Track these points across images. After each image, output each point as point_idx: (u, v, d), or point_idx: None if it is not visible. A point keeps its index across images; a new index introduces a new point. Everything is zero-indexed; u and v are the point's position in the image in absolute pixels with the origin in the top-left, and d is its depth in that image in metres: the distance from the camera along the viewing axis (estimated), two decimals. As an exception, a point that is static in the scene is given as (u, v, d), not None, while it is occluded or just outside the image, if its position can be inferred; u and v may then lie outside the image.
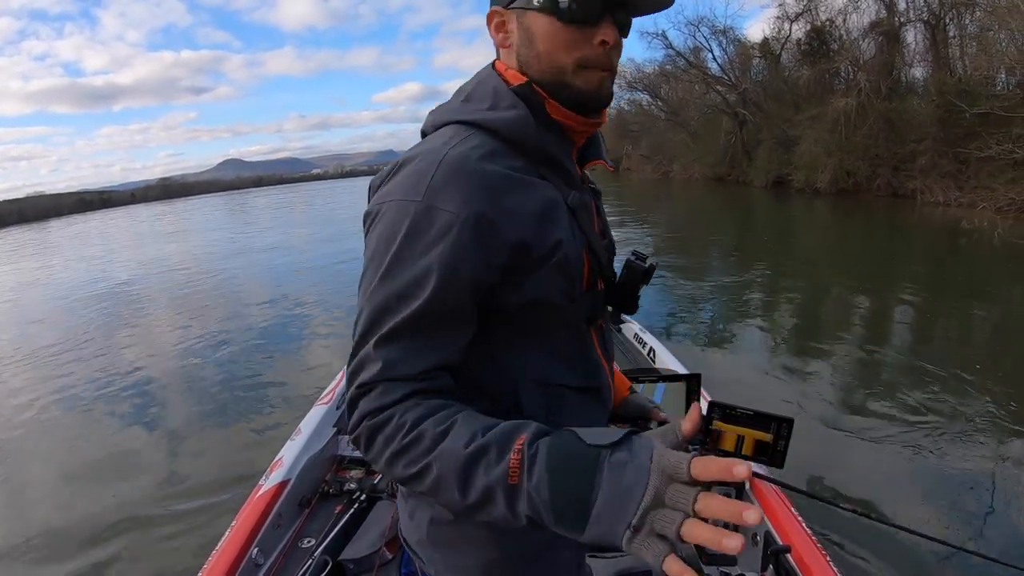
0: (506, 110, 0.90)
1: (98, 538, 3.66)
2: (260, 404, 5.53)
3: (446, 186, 0.82)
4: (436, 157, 0.84)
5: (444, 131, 0.91)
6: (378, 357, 0.81)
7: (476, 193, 0.82)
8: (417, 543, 1.09)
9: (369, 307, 0.83)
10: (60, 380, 6.91)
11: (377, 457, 0.81)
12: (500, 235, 0.83)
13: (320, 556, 2.20)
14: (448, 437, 0.74)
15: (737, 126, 29.13)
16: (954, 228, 13.30)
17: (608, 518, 0.64)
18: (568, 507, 0.66)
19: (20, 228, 57.36)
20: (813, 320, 7.46)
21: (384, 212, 0.85)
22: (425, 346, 0.82)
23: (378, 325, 0.82)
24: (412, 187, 0.83)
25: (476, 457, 0.71)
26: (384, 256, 0.83)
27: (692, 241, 14.60)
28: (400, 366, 0.80)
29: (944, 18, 19.03)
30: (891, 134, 19.26)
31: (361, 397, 0.81)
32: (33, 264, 22.15)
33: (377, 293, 0.83)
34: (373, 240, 0.86)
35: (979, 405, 4.55)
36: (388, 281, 0.82)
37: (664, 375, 2.51)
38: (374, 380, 0.80)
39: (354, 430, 0.82)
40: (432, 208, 0.81)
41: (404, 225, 0.82)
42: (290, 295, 10.49)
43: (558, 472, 0.67)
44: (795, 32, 26.14)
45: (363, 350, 0.82)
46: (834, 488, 3.48)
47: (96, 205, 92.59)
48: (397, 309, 0.81)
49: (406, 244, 0.81)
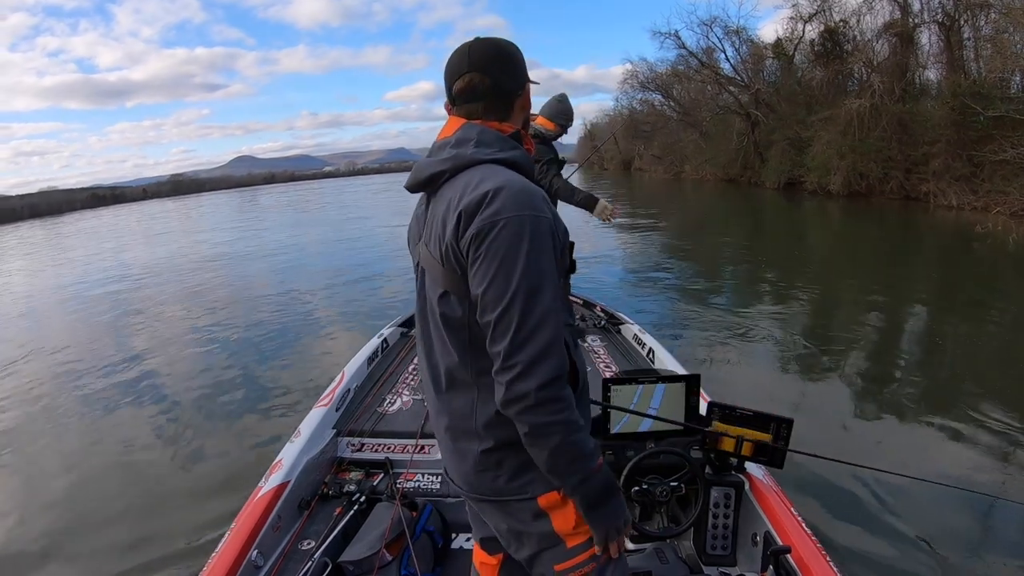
0: (516, 149, 1.33)
1: (97, 536, 3.67)
2: (259, 405, 5.53)
3: (538, 200, 1.21)
4: (519, 182, 1.22)
5: (497, 167, 1.27)
6: (551, 323, 1.16)
7: (547, 202, 1.23)
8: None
9: (525, 288, 1.15)
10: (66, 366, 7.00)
11: (558, 409, 1.17)
12: (559, 228, 1.26)
13: (320, 558, 2.21)
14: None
15: (749, 127, 29.02)
16: (967, 232, 13.13)
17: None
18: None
19: (31, 223, 57.60)
20: (819, 323, 7.39)
21: (508, 223, 1.16)
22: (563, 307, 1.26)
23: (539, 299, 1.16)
24: (520, 203, 1.18)
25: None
26: (519, 251, 1.16)
27: (700, 242, 14.58)
28: (558, 327, 1.18)
29: (959, 20, 18.87)
30: (904, 136, 19.12)
31: (546, 359, 1.15)
32: (31, 265, 22.18)
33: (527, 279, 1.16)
34: (503, 244, 1.16)
35: (991, 411, 4.49)
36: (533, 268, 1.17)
37: (663, 375, 2.51)
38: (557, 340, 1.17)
39: (545, 388, 1.14)
40: (538, 217, 1.19)
41: (527, 229, 1.16)
42: (293, 295, 10.53)
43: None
44: (808, 33, 26.09)
45: (532, 316, 1.15)
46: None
47: (108, 201, 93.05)
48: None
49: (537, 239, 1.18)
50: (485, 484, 1.34)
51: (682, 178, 37.59)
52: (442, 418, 1.39)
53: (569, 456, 1.21)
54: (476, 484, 1.35)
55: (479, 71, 1.31)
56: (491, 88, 1.33)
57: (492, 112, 1.35)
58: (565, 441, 1.18)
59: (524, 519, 1.34)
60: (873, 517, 3.25)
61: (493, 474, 1.32)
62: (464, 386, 1.32)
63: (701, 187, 32.23)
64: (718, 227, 17.58)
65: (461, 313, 1.26)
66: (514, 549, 1.41)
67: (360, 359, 3.90)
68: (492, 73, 1.32)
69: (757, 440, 2.16)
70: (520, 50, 1.37)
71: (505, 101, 1.35)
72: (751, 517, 2.25)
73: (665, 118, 41.27)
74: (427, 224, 1.34)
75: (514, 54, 1.35)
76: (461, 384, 1.32)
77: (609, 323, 4.76)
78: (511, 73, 1.35)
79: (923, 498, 3.34)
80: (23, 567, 3.49)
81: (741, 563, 2.28)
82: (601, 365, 3.95)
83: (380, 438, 3.08)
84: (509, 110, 1.37)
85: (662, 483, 2.15)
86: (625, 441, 2.33)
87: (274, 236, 21.52)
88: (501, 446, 1.29)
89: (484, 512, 1.43)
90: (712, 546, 2.28)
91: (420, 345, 1.44)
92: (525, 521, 1.34)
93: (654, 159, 44.19)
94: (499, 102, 1.35)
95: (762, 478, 2.29)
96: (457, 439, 1.35)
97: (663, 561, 2.08)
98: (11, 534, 3.85)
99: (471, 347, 1.27)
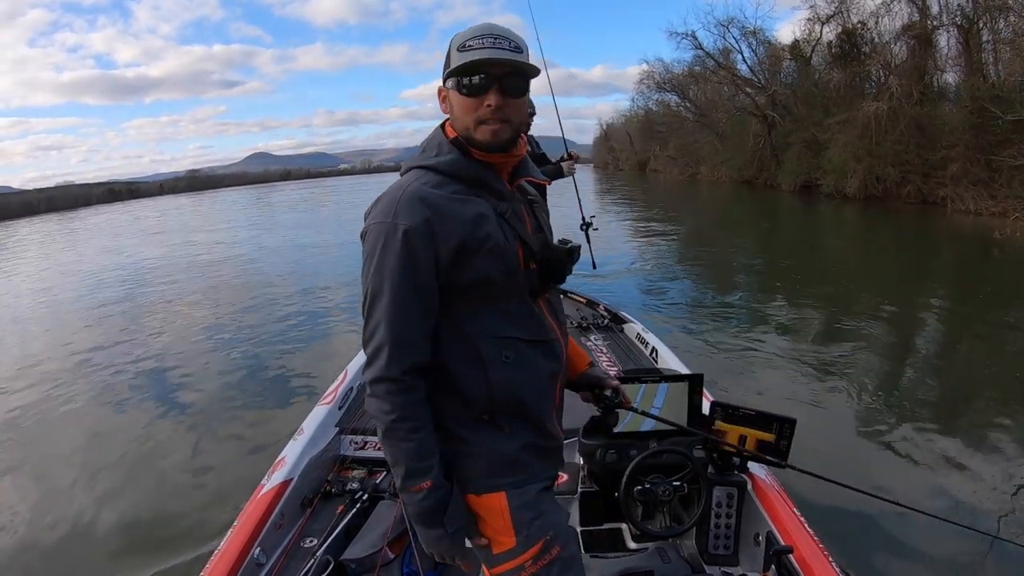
0: (446, 155, 1.32)
1: (97, 535, 3.69)
2: (261, 403, 5.56)
3: (404, 208, 1.24)
4: (399, 191, 1.28)
5: (410, 173, 1.33)
6: (383, 328, 1.26)
7: (422, 210, 1.24)
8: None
9: (369, 292, 1.28)
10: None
11: (377, 408, 1.28)
12: (443, 234, 1.24)
13: (322, 556, 2.21)
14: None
15: (766, 129, 28.85)
16: (985, 237, 13.02)
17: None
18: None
19: (48, 217, 58.06)
20: (830, 326, 7.29)
21: (369, 231, 1.27)
22: (419, 321, 1.28)
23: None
24: (383, 212, 1.26)
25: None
26: (370, 257, 1.26)
27: (712, 243, 14.52)
28: (408, 352, 1.27)
29: (977, 22, 18.65)
30: (922, 140, 18.91)
31: (375, 359, 1.29)
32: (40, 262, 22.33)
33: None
34: (364, 251, 1.28)
35: (1007, 419, 4.44)
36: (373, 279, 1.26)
37: (666, 375, 2.50)
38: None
39: (372, 385, 1.29)
40: (396, 224, 1.23)
41: (381, 238, 1.24)
42: (294, 295, 10.58)
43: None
44: (826, 34, 25.87)
45: (371, 320, 1.28)
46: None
47: (124, 196, 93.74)
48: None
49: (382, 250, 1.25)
50: None
51: (698, 179, 37.45)
52: None
53: (389, 455, 1.30)
54: None
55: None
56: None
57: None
58: (383, 440, 1.29)
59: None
60: (874, 517, 3.21)
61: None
62: None
63: (716, 189, 32.09)
64: (732, 229, 17.50)
65: None
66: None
67: (363, 357, 3.91)
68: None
69: (760, 439, 2.15)
70: (451, 45, 1.30)
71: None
72: (753, 517, 2.24)
73: (681, 119, 41.19)
74: None
75: (449, 49, 1.32)
76: None
77: (612, 322, 4.75)
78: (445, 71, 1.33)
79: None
80: (29, 557, 3.54)
81: (743, 563, 2.27)
82: (604, 364, 3.94)
83: None
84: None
85: (665, 482, 2.16)
86: (628, 440, 2.32)
87: (274, 237, 21.55)
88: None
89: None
90: (714, 546, 2.28)
91: None
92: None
93: (670, 160, 44.07)
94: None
95: (764, 478, 2.29)
96: None
97: (665, 560, 2.07)
98: (15, 524, 3.90)
99: None
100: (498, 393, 1.32)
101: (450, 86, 1.30)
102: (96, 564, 3.43)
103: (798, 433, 2.11)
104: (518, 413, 1.37)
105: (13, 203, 70.92)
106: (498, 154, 1.34)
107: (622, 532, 2.50)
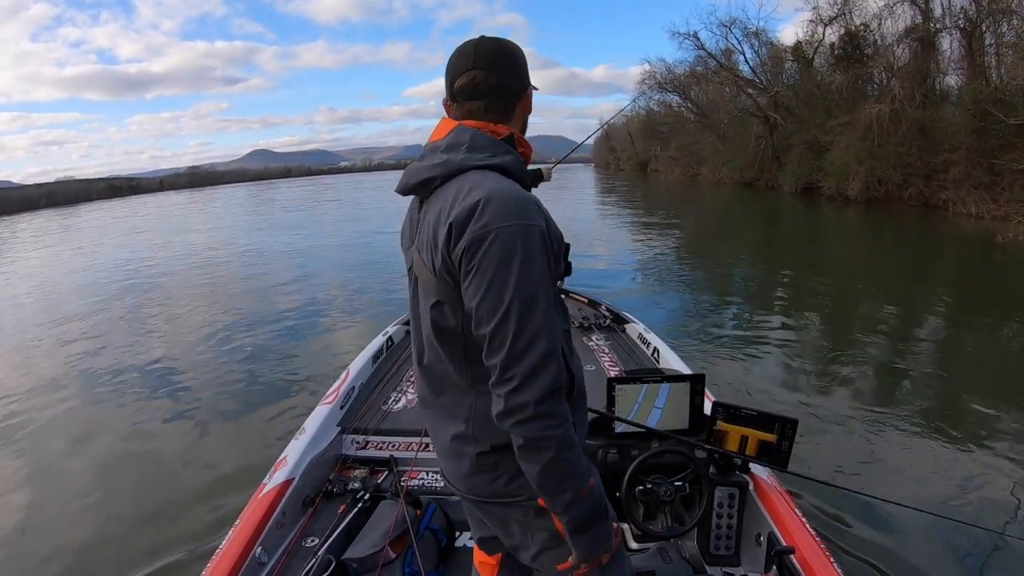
0: (509, 155, 1.29)
1: (97, 534, 3.67)
2: (263, 402, 5.52)
3: (530, 210, 1.18)
4: (512, 190, 1.20)
5: (492, 175, 1.24)
6: (545, 335, 1.14)
7: (540, 211, 1.21)
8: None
9: (519, 301, 1.13)
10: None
11: (553, 424, 1.15)
12: (555, 235, 1.25)
13: (324, 555, 2.21)
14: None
15: (768, 130, 28.86)
16: (988, 241, 13.01)
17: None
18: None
19: (49, 212, 57.98)
20: (831, 329, 7.31)
21: (499, 234, 1.14)
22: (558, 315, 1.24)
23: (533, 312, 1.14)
24: (510, 213, 1.15)
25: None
26: (511, 263, 1.13)
27: (713, 244, 14.54)
28: (554, 339, 1.16)
29: (980, 25, 18.68)
30: (924, 143, 18.92)
31: (543, 372, 1.13)
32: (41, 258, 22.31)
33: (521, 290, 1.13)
34: (495, 256, 1.13)
35: (1009, 420, 4.45)
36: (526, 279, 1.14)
37: (668, 375, 2.50)
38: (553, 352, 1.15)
39: (542, 402, 1.12)
40: (531, 225, 1.16)
41: (519, 241, 1.14)
42: (295, 295, 10.55)
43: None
44: (828, 36, 25.96)
45: (528, 330, 1.13)
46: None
47: (124, 191, 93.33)
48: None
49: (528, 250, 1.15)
50: (482, 486, 1.33)
51: (699, 180, 37.45)
52: (436, 421, 1.39)
53: (560, 473, 1.17)
54: (472, 486, 1.34)
55: (484, 69, 1.29)
56: (495, 87, 1.30)
57: (492, 112, 1.32)
58: (557, 457, 1.15)
59: (525, 519, 1.33)
60: (875, 517, 3.21)
61: (491, 476, 1.31)
62: (459, 391, 1.31)
63: (718, 190, 32.10)
64: (733, 230, 17.51)
65: (454, 323, 1.25)
66: (516, 549, 1.40)
67: (365, 357, 3.91)
68: (497, 72, 1.30)
69: (761, 439, 2.15)
70: (524, 54, 1.35)
71: (507, 102, 1.33)
72: (755, 517, 2.24)
73: (683, 119, 41.18)
74: (419, 229, 1.32)
75: (519, 56, 1.34)
76: (455, 389, 1.32)
77: (614, 322, 4.74)
78: (515, 74, 1.33)
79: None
80: (29, 557, 3.52)
81: (745, 563, 2.28)
82: (606, 364, 3.94)
83: (384, 436, 3.09)
84: (510, 112, 1.35)
85: (666, 483, 2.15)
86: (629, 440, 2.33)
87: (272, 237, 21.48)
88: (497, 449, 1.27)
89: (484, 512, 1.41)
90: (716, 546, 2.29)
91: (414, 347, 1.42)
92: (526, 521, 1.33)
93: (671, 160, 44.08)
94: (501, 102, 1.32)
95: (766, 478, 2.29)
96: (452, 442, 1.34)
97: (667, 561, 2.07)
98: (16, 524, 3.88)
99: (466, 357, 1.26)
100: (577, 383, 1.32)
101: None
102: (97, 563, 3.40)
103: (800, 433, 2.11)
104: (582, 404, 1.39)
105: (13, 198, 70.60)
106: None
107: (623, 532, 2.50)
